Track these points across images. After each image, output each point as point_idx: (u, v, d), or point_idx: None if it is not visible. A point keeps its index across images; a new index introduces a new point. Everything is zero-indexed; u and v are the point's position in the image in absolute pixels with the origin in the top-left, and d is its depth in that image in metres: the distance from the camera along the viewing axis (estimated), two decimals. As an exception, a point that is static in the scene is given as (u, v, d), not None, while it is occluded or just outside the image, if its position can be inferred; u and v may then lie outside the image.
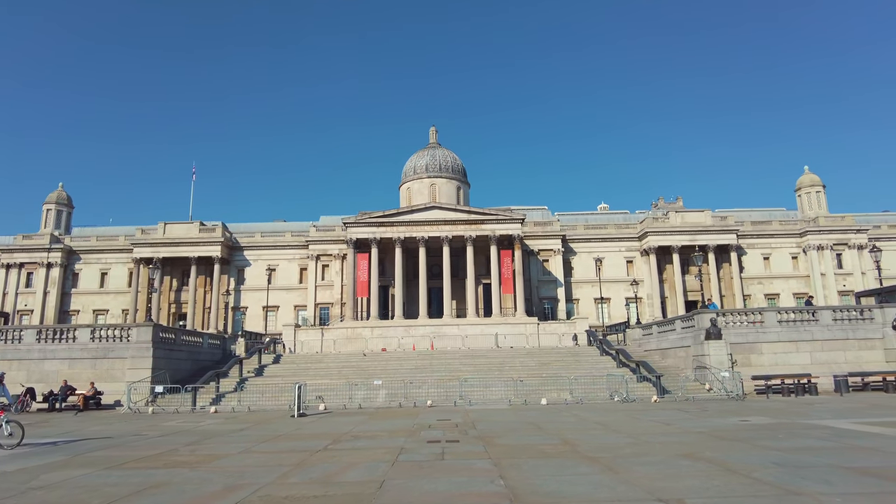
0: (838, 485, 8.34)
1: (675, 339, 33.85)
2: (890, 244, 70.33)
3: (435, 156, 72.99)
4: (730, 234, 67.05)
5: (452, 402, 26.78)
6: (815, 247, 68.83)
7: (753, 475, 9.12)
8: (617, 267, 68.46)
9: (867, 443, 12.26)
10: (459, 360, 38.94)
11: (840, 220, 70.39)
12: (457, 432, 16.10)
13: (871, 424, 15.38)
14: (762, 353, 29.04)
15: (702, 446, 12.36)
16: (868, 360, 28.87)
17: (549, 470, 10.16)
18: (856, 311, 30.83)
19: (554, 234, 67.79)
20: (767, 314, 30.85)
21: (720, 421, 17.33)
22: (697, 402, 24.57)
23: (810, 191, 73.47)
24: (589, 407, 24.07)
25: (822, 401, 23.54)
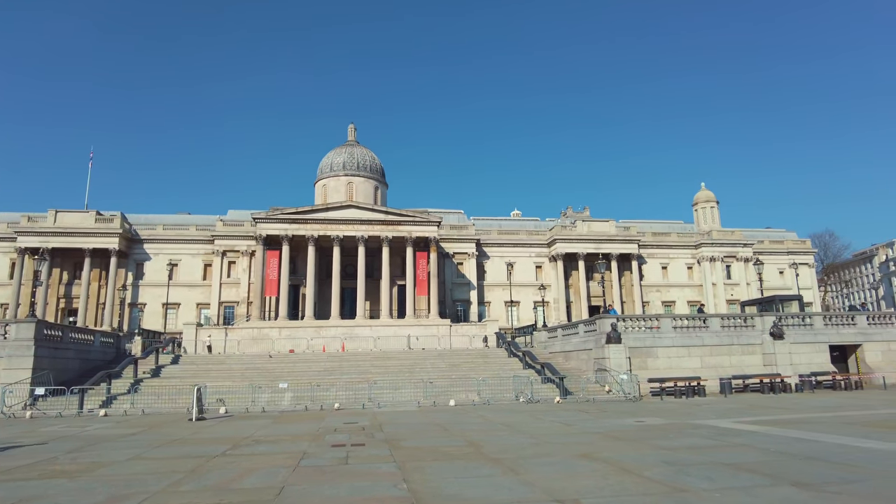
0: (718, 480, 8.94)
1: (578, 342, 35.22)
2: (771, 258, 77.04)
3: (353, 154, 72.02)
4: (632, 244, 70.82)
5: (361, 404, 26.46)
6: (708, 258, 74.01)
7: (645, 474, 9.59)
8: (527, 272, 70.48)
9: (743, 440, 13.25)
10: (370, 361, 38.58)
11: (730, 235, 76.12)
12: (363, 436, 15.90)
13: (748, 423, 16.66)
14: (658, 357, 30.77)
15: (599, 447, 12.89)
16: (749, 364, 31.30)
17: (453, 472, 10.23)
18: (740, 319, 33.37)
19: (469, 237, 68.80)
20: (663, 320, 32.76)
21: (617, 422, 18.17)
22: (597, 404, 25.66)
23: (706, 206, 78.97)
24: (495, 408, 24.54)
25: (708, 402, 25.26)
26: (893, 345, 33.18)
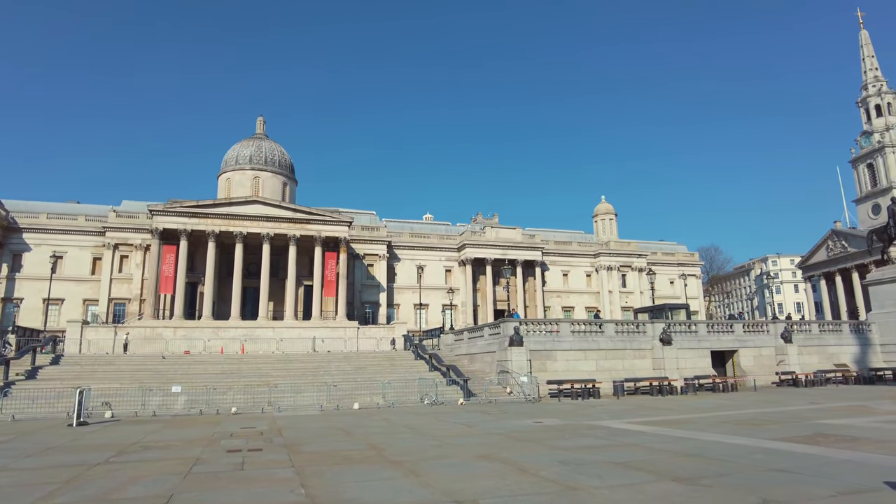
0: (608, 478, 9.45)
1: (483, 344, 35.98)
2: (663, 269, 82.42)
3: (261, 147, 69.51)
4: (536, 252, 73.37)
5: (260, 408, 25.60)
6: (605, 267, 78.00)
7: (541, 473, 9.97)
8: (437, 275, 71.15)
9: (633, 440, 14.09)
10: (272, 364, 37.43)
11: (626, 246, 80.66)
12: (261, 440, 15.40)
13: (638, 424, 17.72)
14: (556, 360, 32.02)
15: (499, 447, 13.24)
16: (640, 367, 33.27)
17: (353, 476, 10.15)
18: (633, 325, 35.42)
19: (380, 239, 68.45)
20: (563, 325, 34.16)
21: (517, 423, 18.74)
22: (499, 405, 26.32)
23: (605, 218, 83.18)
24: (400, 411, 24.55)
25: (602, 403, 26.59)
26: (764, 350, 36.49)
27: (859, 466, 10.02)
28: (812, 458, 10.99)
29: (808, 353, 37.37)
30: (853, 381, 35.04)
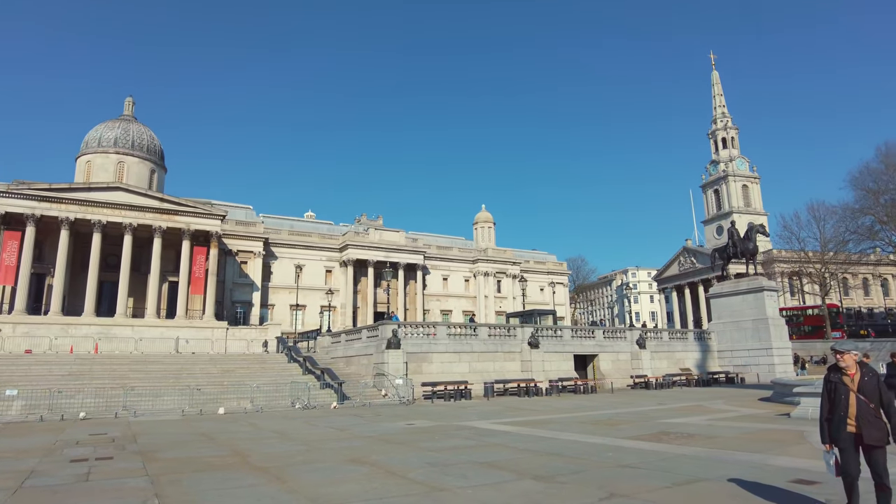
0: (472, 478, 9.78)
1: (361, 347, 35.74)
2: (535, 276, 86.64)
3: (128, 130, 63.97)
4: (418, 255, 74.19)
5: (114, 413, 23.56)
6: (483, 273, 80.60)
7: (409, 475, 10.10)
8: (316, 275, 69.54)
9: (498, 440, 14.69)
10: (129, 365, 34.58)
11: (503, 253, 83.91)
12: (112, 448, 14.20)
13: (504, 424, 18.49)
14: (432, 363, 32.56)
15: (369, 450, 13.23)
16: (510, 369, 34.71)
17: (213, 483, 9.67)
18: (504, 329, 36.89)
19: (257, 235, 65.61)
20: (440, 328, 34.82)
21: (389, 425, 18.82)
22: (373, 408, 26.26)
23: (484, 226, 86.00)
24: (269, 415, 23.72)
25: (473, 404, 27.42)
26: (621, 355, 39.53)
27: (692, 460, 11.19)
28: (655, 454, 12.08)
29: (659, 358, 40.99)
30: (695, 383, 38.91)
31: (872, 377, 6.53)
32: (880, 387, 6.47)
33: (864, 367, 6.66)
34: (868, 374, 6.56)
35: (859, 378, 6.55)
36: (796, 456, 11.32)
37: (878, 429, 6.35)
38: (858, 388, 6.49)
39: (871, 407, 6.36)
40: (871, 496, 6.47)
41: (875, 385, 6.46)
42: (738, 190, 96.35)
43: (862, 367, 6.65)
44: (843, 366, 6.65)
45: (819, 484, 8.57)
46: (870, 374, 6.57)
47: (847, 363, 6.64)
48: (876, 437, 6.34)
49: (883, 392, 6.44)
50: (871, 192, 57.02)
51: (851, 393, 6.48)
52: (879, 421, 6.36)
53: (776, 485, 8.67)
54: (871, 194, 57.07)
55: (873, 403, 6.38)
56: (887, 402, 6.41)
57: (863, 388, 6.48)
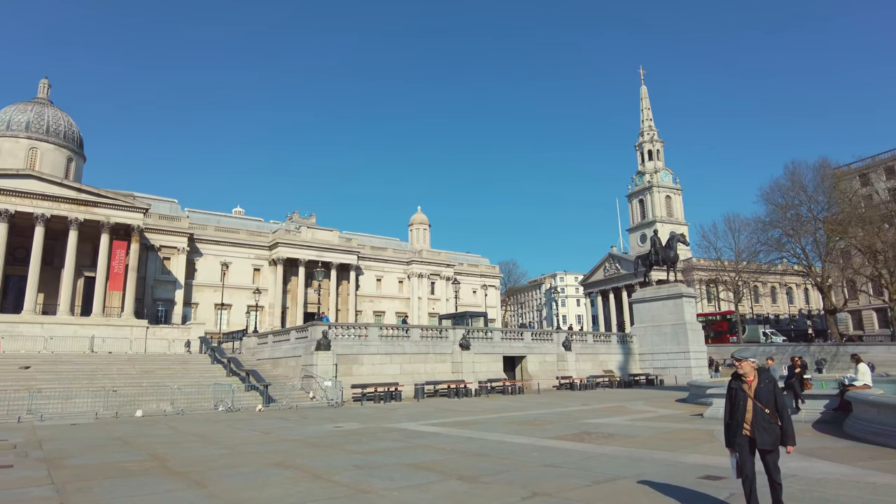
0: (399, 480, 9.81)
1: (289, 348, 35.01)
2: (468, 279, 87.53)
3: (42, 114, 59.82)
4: (352, 255, 73.37)
5: (17, 417, 22.04)
6: (417, 275, 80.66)
7: (334, 478, 10.01)
8: (244, 274, 67.47)
9: (427, 441, 14.78)
10: (37, 366, 32.40)
11: (437, 255, 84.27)
12: (13, 455, 13.28)
13: (433, 426, 18.60)
14: (363, 364, 32.31)
15: (295, 454, 13.00)
16: (441, 371, 34.93)
17: (127, 490, 9.25)
18: (436, 331, 37.09)
19: (181, 230, 62.90)
20: (371, 329, 34.60)
21: (317, 428, 18.54)
22: (300, 411, 25.78)
23: (419, 227, 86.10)
24: (190, 418, 22.85)
25: (403, 406, 27.41)
26: (548, 357, 40.57)
27: (612, 459, 11.65)
28: (577, 453, 12.50)
29: (583, 360, 42.33)
30: (617, 384, 40.45)
31: (769, 384, 6.79)
32: (776, 393, 6.74)
33: (762, 374, 6.89)
34: (765, 381, 6.80)
35: (756, 385, 6.79)
36: (706, 454, 12.00)
37: (770, 434, 6.61)
38: (755, 394, 6.73)
39: (766, 413, 6.63)
40: (768, 492, 6.96)
41: (771, 391, 6.72)
42: (661, 200, 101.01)
43: (760, 373, 6.89)
44: (741, 373, 6.90)
45: (725, 479, 9.12)
46: (766, 381, 6.81)
47: (745, 370, 6.90)
48: (768, 441, 6.61)
49: (778, 397, 6.73)
50: (780, 206, 61.11)
51: (749, 399, 6.73)
52: (773, 426, 6.62)
53: (687, 481, 9.18)
54: (779, 209, 61.16)
55: (769, 409, 6.64)
56: (781, 407, 6.70)
57: (759, 394, 6.73)
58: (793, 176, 61.70)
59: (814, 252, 59.76)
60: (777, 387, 6.84)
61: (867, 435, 12.95)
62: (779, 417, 6.66)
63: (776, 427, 6.63)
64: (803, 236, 59.48)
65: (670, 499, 8.10)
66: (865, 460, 10.76)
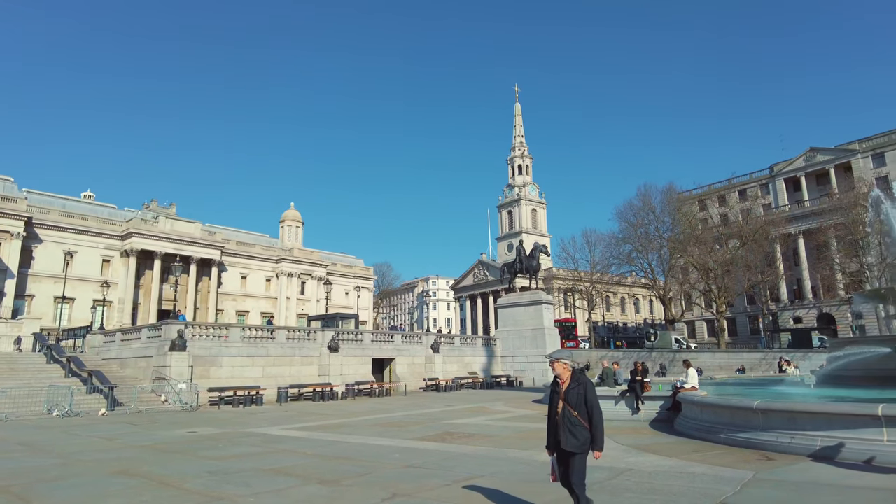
0: (256, 486, 9.51)
1: (139, 348, 32.42)
2: (341, 279, 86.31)
3: None
4: (215, 250, 69.35)
5: None
6: (286, 274, 78.02)
7: (185, 486, 9.48)
8: (91, 265, 61.22)
9: (288, 446, 14.42)
10: None
11: (309, 254, 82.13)
12: None
13: (295, 430, 18.16)
14: (222, 366, 30.68)
15: (141, 461, 12.11)
16: (307, 374, 34.10)
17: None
18: (304, 333, 36.20)
19: (17, 213, 55.59)
20: (233, 329, 32.99)
21: (167, 433, 17.37)
22: (149, 415, 23.98)
23: (292, 224, 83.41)
24: (18, 425, 20.40)
25: (264, 410, 26.43)
26: (416, 359, 41.14)
27: (471, 458, 12.13)
28: (439, 454, 12.85)
29: (450, 362, 43.44)
30: (480, 386, 41.95)
31: (579, 386, 6.55)
32: (587, 395, 6.50)
33: (576, 376, 6.68)
34: (577, 383, 6.60)
35: (567, 386, 6.61)
36: (556, 451, 12.87)
37: (577, 436, 6.40)
38: (565, 395, 6.55)
39: (574, 415, 6.43)
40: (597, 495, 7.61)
41: (581, 394, 6.49)
42: (528, 213, 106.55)
43: (574, 375, 6.68)
44: (555, 374, 6.74)
45: (570, 475, 9.86)
46: (578, 383, 6.59)
47: (558, 371, 6.70)
48: (573, 444, 6.40)
49: (589, 400, 6.48)
50: (632, 224, 67.15)
51: (560, 401, 6.56)
52: (581, 429, 6.42)
53: (540, 477, 9.80)
54: (631, 226, 67.19)
55: (577, 412, 6.44)
56: (591, 410, 6.47)
57: (568, 395, 6.53)
58: (644, 197, 68.01)
59: (658, 267, 66.24)
60: (589, 389, 6.59)
61: (693, 431, 14.59)
62: (588, 421, 6.46)
63: (585, 430, 6.43)
64: (650, 252, 65.78)
65: (524, 495, 8.61)
66: (689, 454, 12.11)
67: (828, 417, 11.21)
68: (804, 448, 11.10)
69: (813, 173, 75.57)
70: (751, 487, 8.69)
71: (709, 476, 9.66)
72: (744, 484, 8.89)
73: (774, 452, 11.39)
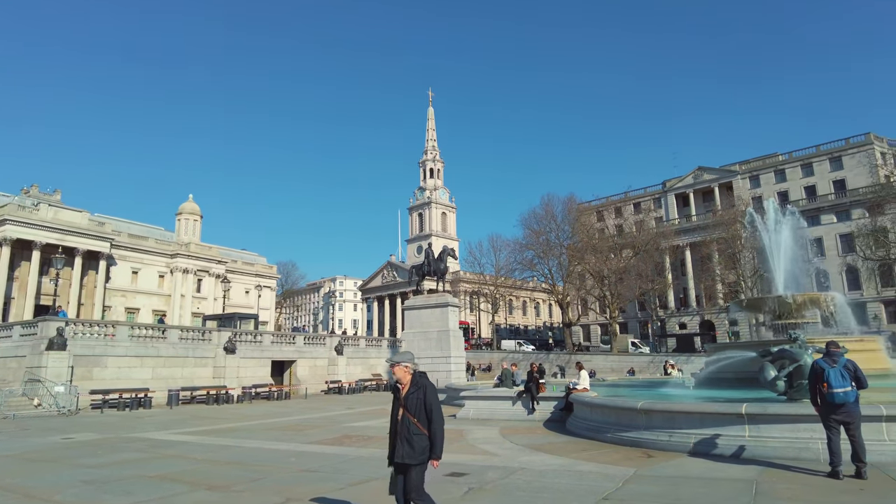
0: (138, 494, 8.98)
1: (10, 346, 29.59)
2: (242, 277, 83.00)
3: None
4: (104, 242, 64.52)
5: None
6: (182, 269, 73.94)
7: (55, 498, 8.80)
8: (-47, 254, 55.09)
9: (176, 451, 13.70)
10: None
11: (208, 250, 78.30)
12: None
13: (185, 434, 17.30)
14: (107, 367, 28.63)
15: (5, 472, 11.07)
16: (201, 375, 32.52)
17: None
18: (199, 333, 34.51)
19: None
20: (120, 328, 30.88)
21: (39, 440, 15.98)
22: (20, 421, 21.94)
23: (189, 218, 79.15)
24: None
25: (153, 414, 24.94)
26: (319, 361, 40.39)
27: (368, 461, 12.08)
28: (337, 457, 12.70)
29: (354, 364, 43.00)
30: (384, 388, 41.81)
31: (419, 390, 5.97)
32: (426, 399, 5.90)
33: (416, 380, 6.08)
34: (416, 387, 6.01)
35: (406, 391, 6.03)
36: (454, 452, 13.06)
37: (415, 446, 5.82)
38: (404, 402, 5.99)
39: (413, 422, 5.84)
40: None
41: (420, 398, 5.90)
42: (438, 216, 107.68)
43: (415, 379, 6.08)
44: (395, 379, 6.15)
45: (467, 475, 10.10)
46: (418, 387, 6.01)
47: (399, 376, 6.10)
48: (408, 454, 5.81)
49: (428, 403, 5.90)
50: (535, 231, 69.78)
51: (400, 408, 6.00)
52: (420, 437, 5.83)
53: (434, 478, 9.87)
54: (534, 234, 69.77)
55: (417, 418, 5.85)
56: (430, 410, 5.90)
57: (408, 401, 5.96)
58: (547, 206, 70.88)
59: (558, 273, 69.17)
60: (429, 392, 5.99)
61: (583, 431, 15.32)
62: (427, 427, 5.87)
63: (424, 438, 5.85)
64: (551, 259, 68.60)
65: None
66: (578, 452, 12.71)
67: (701, 416, 12.17)
68: (681, 445, 11.97)
69: (700, 190, 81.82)
70: (631, 483, 9.27)
71: (595, 473, 10.20)
72: (625, 480, 9.46)
73: (655, 450, 12.18)
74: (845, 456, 8.98)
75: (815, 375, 9.36)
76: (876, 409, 10.25)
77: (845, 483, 8.59)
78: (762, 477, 9.22)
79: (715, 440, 11.48)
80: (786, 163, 75.60)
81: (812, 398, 9.49)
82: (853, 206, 65.17)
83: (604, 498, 8.35)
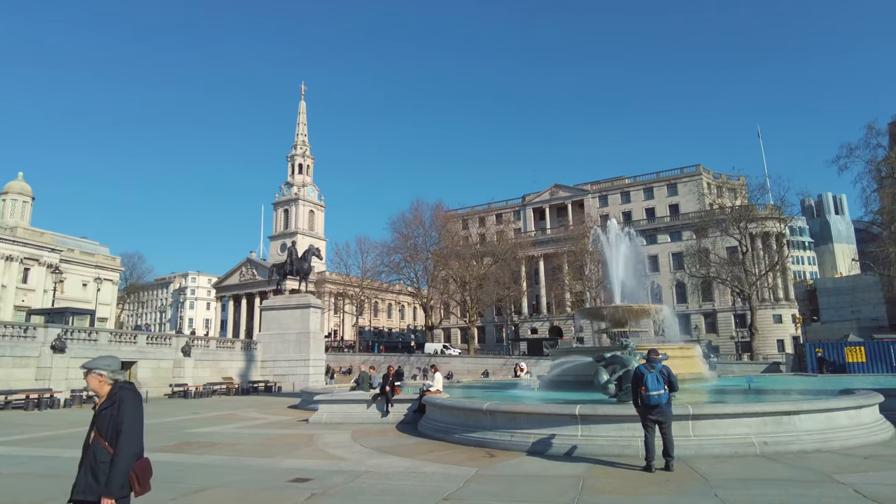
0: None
1: None
2: (79, 268, 74.91)
3: None
4: None
5: None
6: (5, 257, 65.19)
7: None
8: None
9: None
10: None
11: (39, 236, 69.76)
12: None
13: (-6, 445, 15.28)
14: None
15: None
16: (21, 377, 28.83)
17: None
18: (20, 329, 30.61)
19: None
20: (-83, 323, 26.54)
21: None
22: None
23: (18, 198, 70.10)
24: None
25: (-47, 422, 21.70)
26: (163, 363, 37.51)
27: (208, 468, 11.50)
28: (174, 465, 11.88)
29: (203, 367, 40.46)
30: (235, 392, 39.78)
31: (113, 405, 4.63)
32: (121, 415, 4.56)
33: (115, 392, 4.73)
34: (112, 401, 4.66)
35: (100, 406, 4.71)
36: (302, 457, 12.83)
37: (97, 477, 4.42)
38: (96, 419, 4.68)
39: (104, 446, 4.50)
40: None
41: (113, 415, 4.57)
42: (305, 214, 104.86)
43: (112, 391, 4.75)
44: (91, 391, 4.85)
45: (312, 480, 9.97)
46: (113, 401, 4.66)
47: (93, 387, 4.78)
48: (89, 488, 4.42)
49: (118, 423, 4.54)
50: (403, 235, 70.55)
51: (92, 430, 4.69)
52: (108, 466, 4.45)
53: (275, 485, 9.70)
54: (402, 237, 70.51)
55: (108, 441, 4.51)
56: (118, 431, 4.51)
57: (99, 420, 4.64)
58: (416, 211, 72.06)
59: (423, 277, 70.51)
60: (124, 406, 4.63)
61: (433, 432, 15.70)
62: (115, 450, 4.48)
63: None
64: (417, 263, 69.75)
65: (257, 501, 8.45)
66: (426, 453, 13.02)
67: (540, 417, 13.03)
68: (521, 445, 12.69)
69: (555, 206, 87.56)
70: (472, 483, 9.69)
71: (438, 475, 10.51)
72: (466, 480, 9.86)
73: (498, 450, 12.80)
74: (659, 451, 10.10)
75: (637, 379, 10.46)
76: (685, 408, 11.63)
77: (656, 475, 9.67)
78: (589, 473, 10.08)
79: (551, 440, 12.30)
80: (631, 186, 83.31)
81: (633, 400, 10.59)
82: (684, 228, 73.40)
83: (444, 498, 8.64)
